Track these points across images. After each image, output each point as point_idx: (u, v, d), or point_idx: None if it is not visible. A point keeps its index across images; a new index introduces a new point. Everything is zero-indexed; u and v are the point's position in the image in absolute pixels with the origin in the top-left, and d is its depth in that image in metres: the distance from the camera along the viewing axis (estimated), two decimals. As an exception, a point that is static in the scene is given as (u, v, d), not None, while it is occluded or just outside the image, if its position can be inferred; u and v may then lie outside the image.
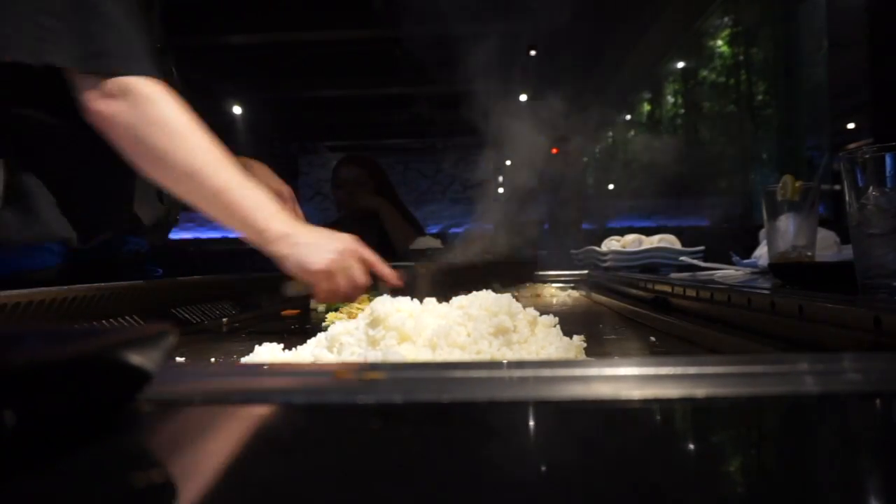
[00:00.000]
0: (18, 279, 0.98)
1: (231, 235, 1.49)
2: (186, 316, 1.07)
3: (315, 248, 0.92)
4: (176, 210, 1.25)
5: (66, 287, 0.83)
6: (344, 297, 0.95)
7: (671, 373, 0.35)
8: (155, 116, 0.91)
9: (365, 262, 0.97)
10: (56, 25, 0.89)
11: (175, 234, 1.35)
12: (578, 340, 0.67)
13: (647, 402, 0.32)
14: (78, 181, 1.02)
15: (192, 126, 0.93)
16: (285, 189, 1.30)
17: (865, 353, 0.49)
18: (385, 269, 0.99)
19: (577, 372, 0.36)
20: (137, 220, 1.09)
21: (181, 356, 0.75)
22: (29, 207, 1.00)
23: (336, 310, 1.19)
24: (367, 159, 2.85)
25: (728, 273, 1.31)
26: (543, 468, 0.25)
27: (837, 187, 0.75)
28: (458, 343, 0.62)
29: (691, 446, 0.29)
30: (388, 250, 2.52)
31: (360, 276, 0.95)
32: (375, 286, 0.99)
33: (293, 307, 1.28)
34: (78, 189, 1.01)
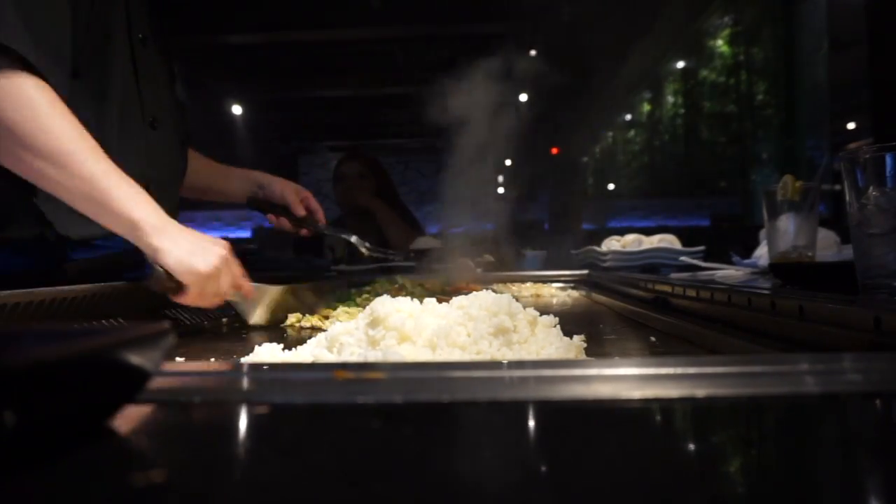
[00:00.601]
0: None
1: (231, 236, 1.49)
2: (186, 316, 1.07)
3: (201, 250, 0.89)
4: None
5: (66, 287, 0.83)
6: (208, 303, 0.94)
7: (671, 373, 0.35)
8: (16, 96, 0.84)
9: (233, 275, 0.96)
10: None
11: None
12: (578, 340, 0.67)
13: (647, 402, 0.32)
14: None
15: (59, 110, 0.87)
16: (306, 192, 1.42)
17: (865, 353, 0.49)
18: (245, 284, 0.99)
19: (577, 372, 0.36)
20: None
21: (181, 356, 0.75)
22: None
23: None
24: (369, 158, 2.86)
25: (728, 273, 1.31)
26: (544, 468, 0.25)
27: (837, 187, 0.76)
28: (458, 343, 0.61)
29: (691, 446, 0.29)
30: (387, 247, 2.53)
31: (228, 287, 0.95)
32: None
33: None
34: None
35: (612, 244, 1.95)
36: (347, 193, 2.69)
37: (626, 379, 0.35)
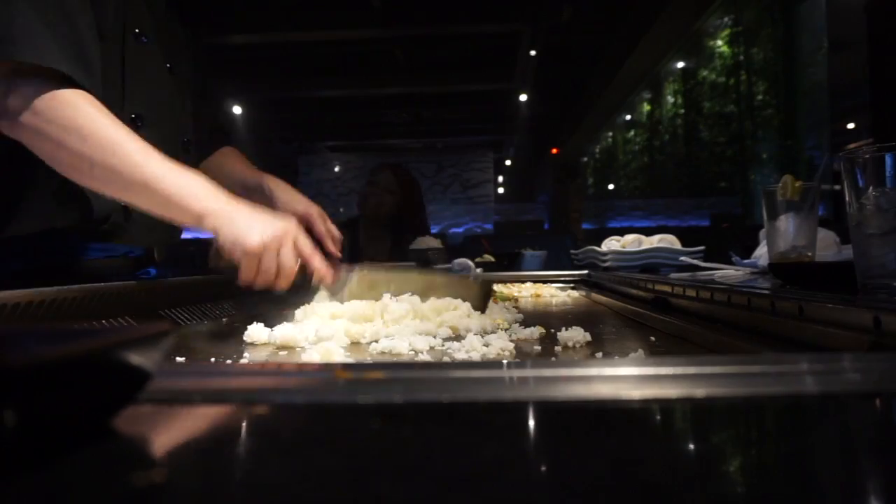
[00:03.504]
0: None
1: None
2: (186, 316, 1.07)
3: (253, 226, 0.88)
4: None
5: (66, 287, 0.83)
6: (265, 283, 0.90)
7: (671, 373, 0.35)
8: (69, 121, 0.88)
9: (300, 251, 0.92)
10: None
11: (175, 234, 1.37)
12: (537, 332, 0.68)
13: (647, 402, 0.32)
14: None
15: (108, 123, 0.90)
16: (314, 209, 1.27)
17: (865, 353, 0.49)
18: (319, 264, 0.94)
19: (577, 372, 0.36)
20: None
21: (181, 356, 0.75)
22: None
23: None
24: (404, 172, 2.89)
25: (728, 273, 1.31)
26: (543, 468, 0.25)
27: (837, 187, 0.75)
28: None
29: (691, 446, 0.29)
30: (399, 253, 2.56)
31: (290, 262, 0.90)
32: (304, 280, 0.94)
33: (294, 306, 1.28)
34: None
35: (612, 244, 1.95)
36: (372, 204, 2.74)
37: (626, 379, 0.35)
